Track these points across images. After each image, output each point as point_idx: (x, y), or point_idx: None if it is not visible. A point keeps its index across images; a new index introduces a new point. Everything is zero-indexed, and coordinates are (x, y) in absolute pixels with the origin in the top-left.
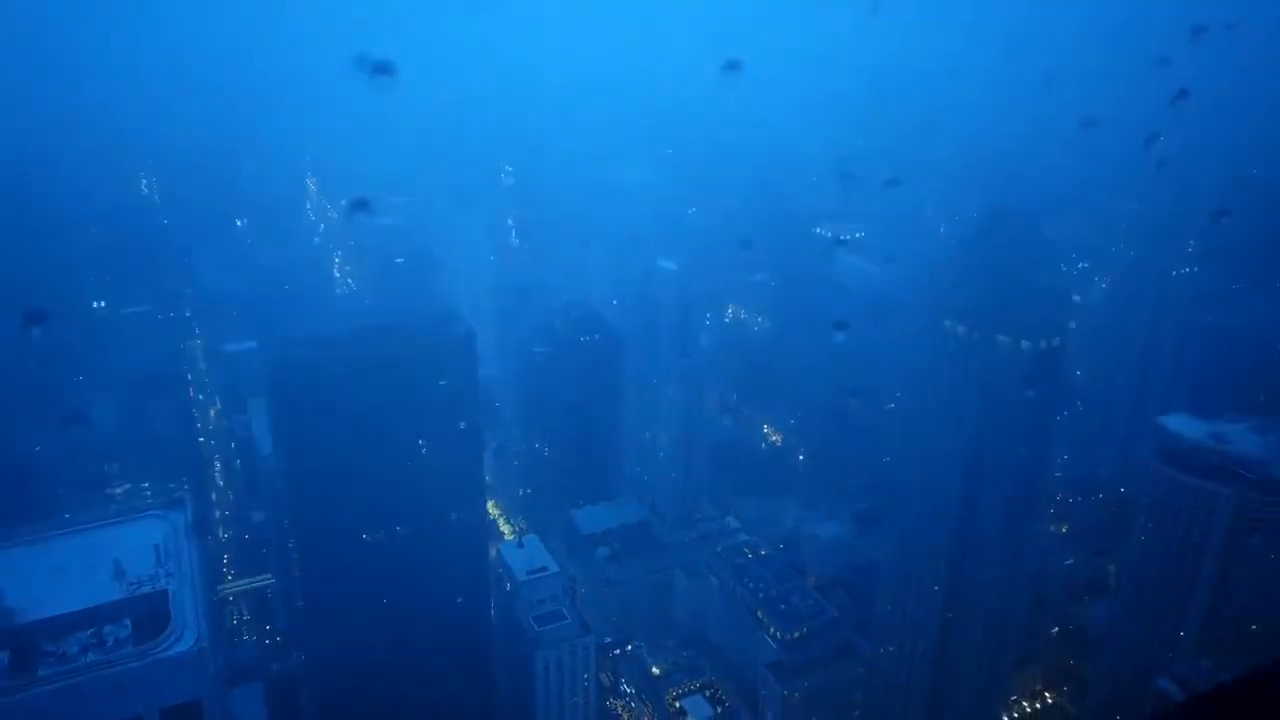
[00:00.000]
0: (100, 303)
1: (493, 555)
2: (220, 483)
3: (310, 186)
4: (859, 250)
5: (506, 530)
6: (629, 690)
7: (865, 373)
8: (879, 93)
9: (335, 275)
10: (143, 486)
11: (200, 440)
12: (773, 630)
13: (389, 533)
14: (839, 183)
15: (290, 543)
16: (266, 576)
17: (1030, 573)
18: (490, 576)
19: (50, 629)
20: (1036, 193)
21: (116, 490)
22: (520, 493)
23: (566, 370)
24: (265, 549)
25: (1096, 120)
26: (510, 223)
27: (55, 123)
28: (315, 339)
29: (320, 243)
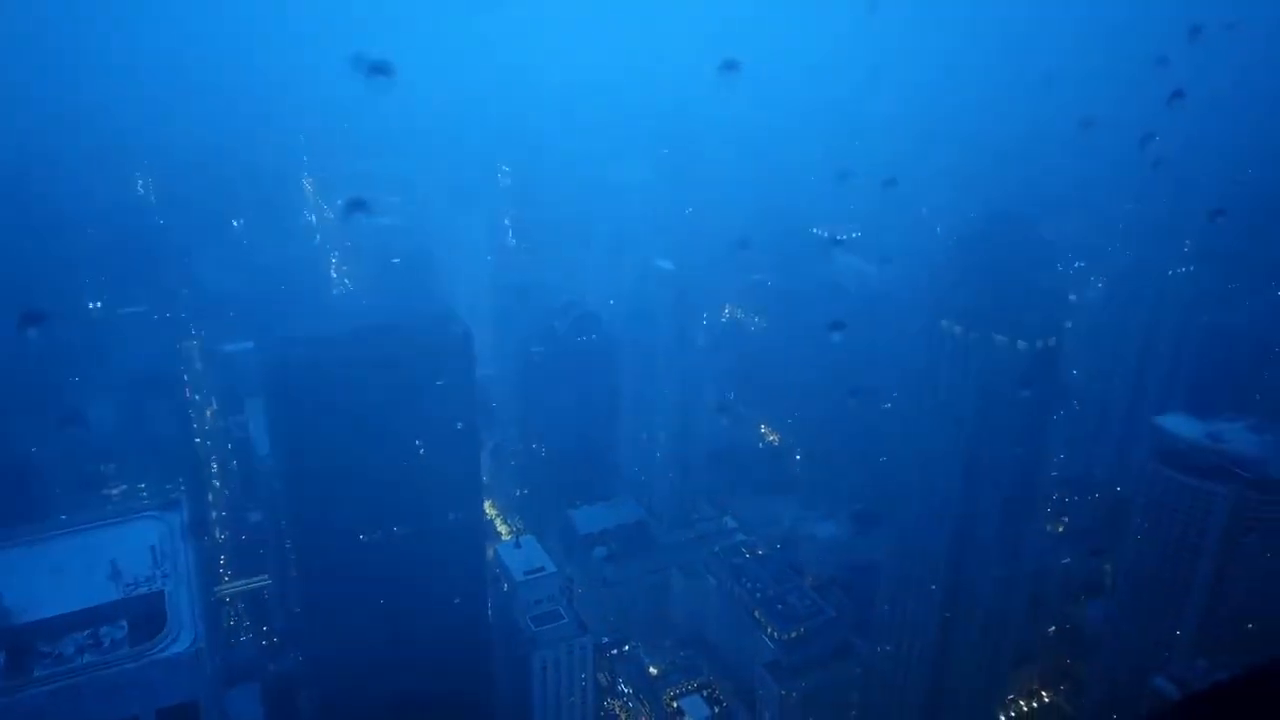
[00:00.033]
0: (97, 303)
1: (490, 555)
2: (217, 483)
3: (307, 187)
4: (856, 250)
5: (504, 530)
6: (626, 690)
7: (863, 372)
8: (876, 93)
9: (332, 275)
10: (139, 487)
11: (197, 441)
12: (770, 630)
13: (386, 533)
14: (836, 183)
15: (287, 543)
16: (263, 577)
17: (1027, 572)
18: (487, 577)
19: (46, 630)
20: (1034, 193)
21: (113, 491)
22: (517, 493)
23: (564, 370)
24: (262, 549)
25: (1094, 121)
26: (507, 223)
27: (52, 123)
28: (312, 339)
29: (317, 243)
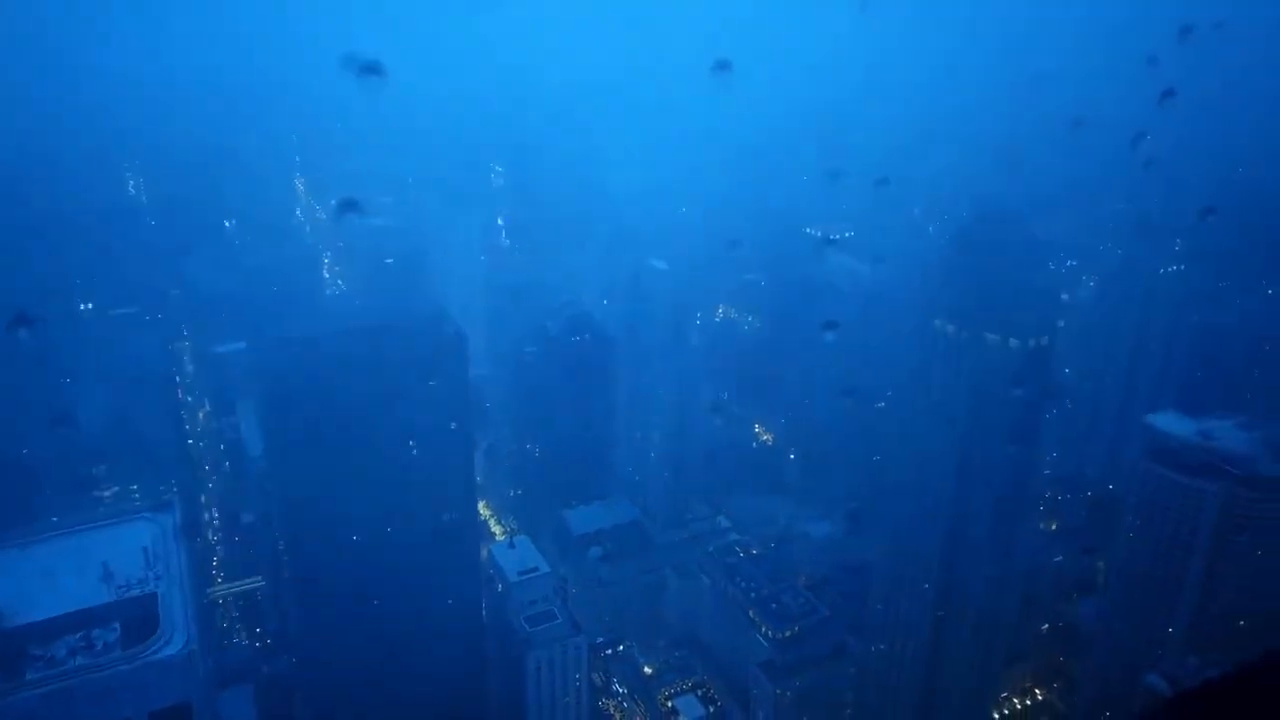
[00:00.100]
0: (88, 304)
1: (484, 556)
2: (210, 485)
3: (299, 187)
4: (849, 250)
5: (498, 531)
6: (621, 690)
7: (856, 372)
8: (869, 93)
9: (325, 276)
10: (131, 489)
11: (189, 442)
12: (764, 629)
13: (379, 534)
14: (829, 182)
15: (280, 544)
16: (256, 579)
17: (1020, 570)
18: (481, 577)
19: (38, 632)
20: (1025, 192)
21: (105, 493)
22: (511, 493)
23: (557, 370)
24: (255, 551)
25: (1085, 121)
26: (501, 223)
27: (43, 124)
28: (305, 340)
29: (310, 243)
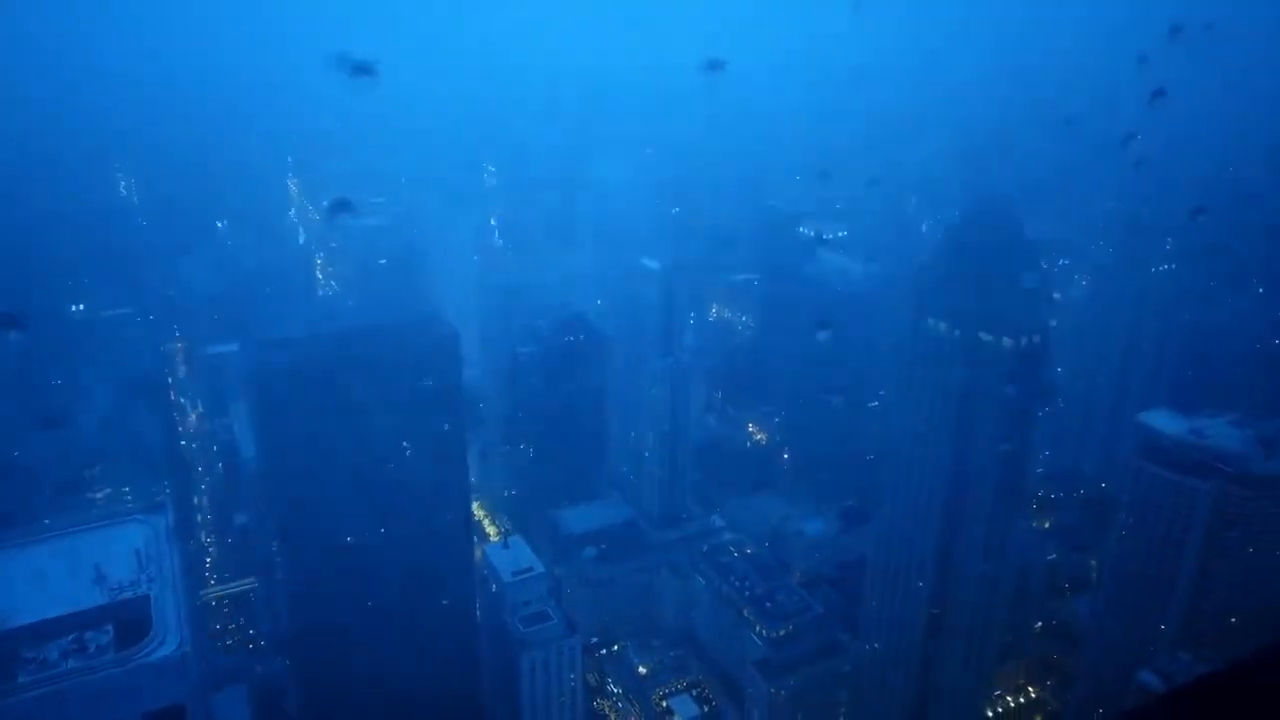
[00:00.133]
0: (80, 306)
1: (478, 556)
2: (203, 486)
3: (292, 187)
4: (842, 249)
5: (492, 531)
6: (616, 690)
7: (849, 371)
8: (861, 93)
9: (318, 277)
10: (124, 491)
11: (182, 444)
12: (759, 628)
13: (373, 535)
14: (821, 182)
15: (274, 546)
16: (250, 580)
17: (1013, 568)
18: (476, 578)
19: (31, 635)
20: (1018, 191)
21: (97, 495)
22: (505, 494)
23: (551, 371)
24: (248, 552)
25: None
26: (494, 223)
27: (34, 124)
28: (298, 341)
29: (303, 244)
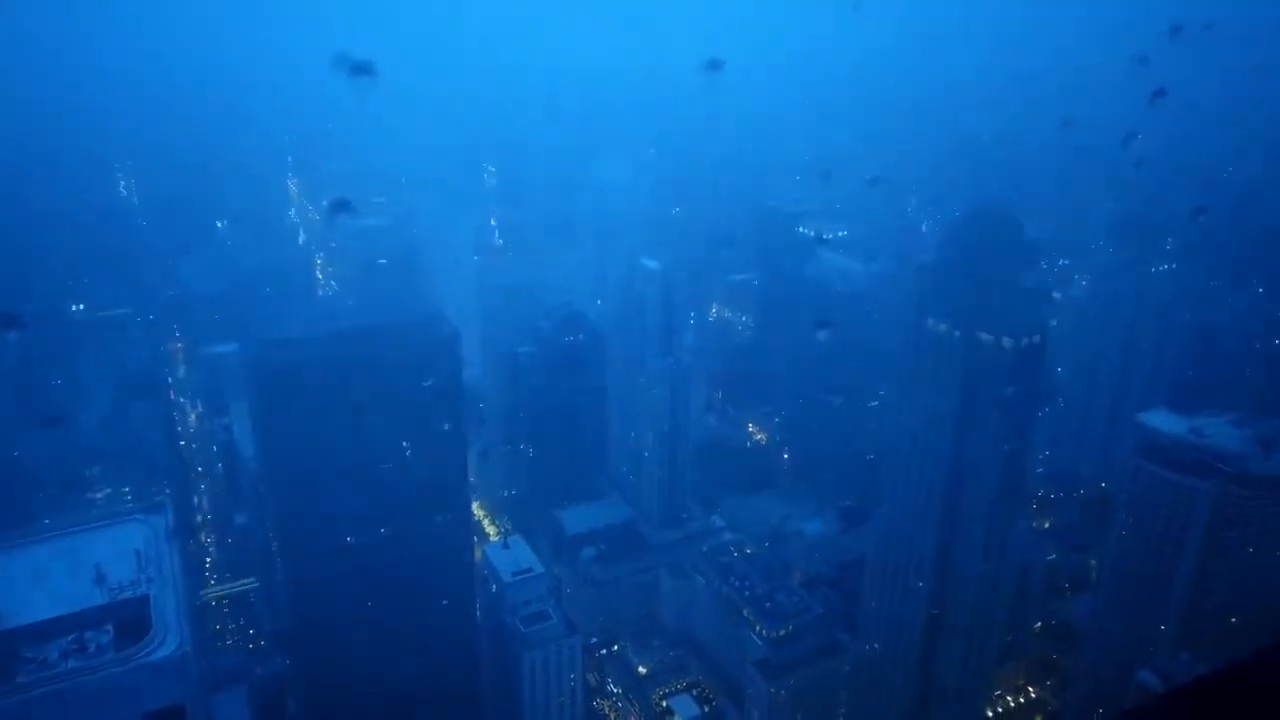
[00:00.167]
0: (80, 306)
1: (478, 557)
2: (202, 486)
3: (292, 187)
4: (842, 249)
5: (492, 531)
6: (616, 690)
7: (849, 371)
8: (862, 92)
9: (318, 276)
10: (123, 491)
11: (182, 444)
12: (759, 628)
13: (373, 535)
14: (821, 182)
15: (273, 546)
16: (250, 580)
17: (1013, 568)
18: (476, 578)
19: (31, 635)
20: (1018, 191)
21: (97, 495)
22: (505, 494)
23: (551, 370)
24: (248, 552)
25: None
26: (494, 223)
27: (33, 124)
28: (298, 341)
29: (302, 244)
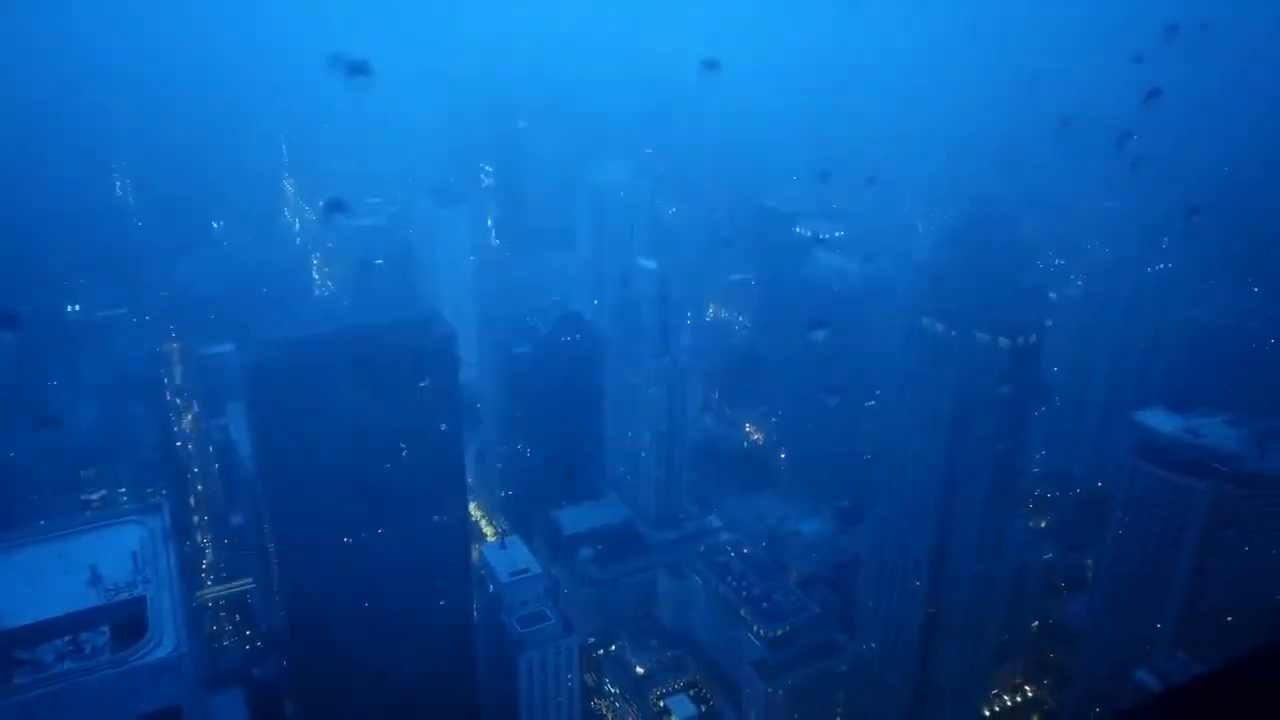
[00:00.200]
0: (75, 306)
1: (475, 557)
2: (199, 487)
3: (288, 187)
4: (839, 249)
5: (489, 532)
6: (613, 690)
7: (845, 371)
8: (859, 92)
9: (314, 277)
10: (120, 491)
11: (178, 444)
12: (756, 628)
13: (370, 535)
14: (819, 182)
15: (270, 546)
16: (247, 581)
17: (1009, 568)
18: (473, 578)
19: (26, 636)
20: (1013, 191)
21: (93, 495)
22: (502, 494)
23: (548, 371)
24: (245, 553)
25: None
26: (490, 223)
27: (29, 124)
28: (294, 341)
29: (299, 244)
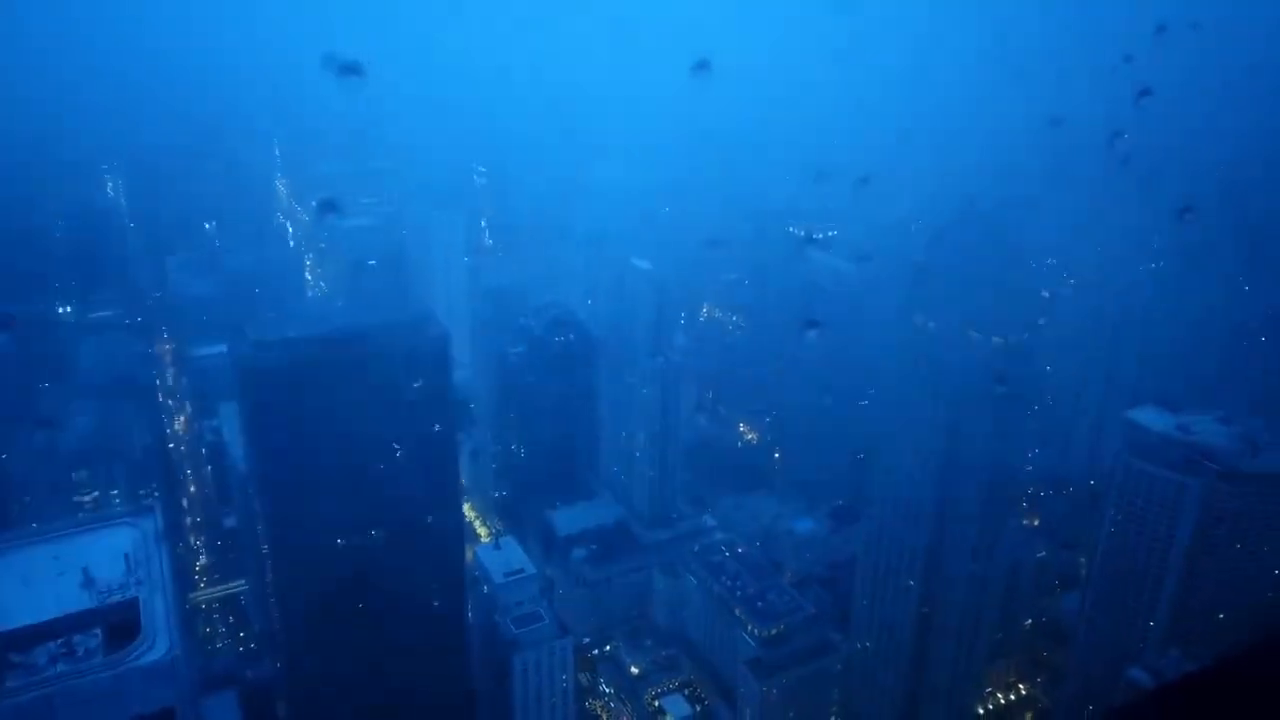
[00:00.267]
0: (67, 307)
1: (469, 558)
2: (191, 489)
3: (280, 188)
4: (832, 249)
5: (483, 532)
6: (608, 690)
7: (839, 370)
8: (851, 91)
9: (307, 278)
10: (112, 494)
11: (170, 446)
12: (750, 628)
13: (364, 537)
14: (812, 182)
15: (263, 548)
16: (240, 583)
17: (1003, 566)
18: (467, 579)
19: (18, 639)
20: (1006, 190)
21: (85, 498)
22: (496, 494)
23: (542, 371)
24: (238, 555)
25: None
26: (484, 223)
27: (18, 124)
28: (286, 342)
29: (291, 245)
